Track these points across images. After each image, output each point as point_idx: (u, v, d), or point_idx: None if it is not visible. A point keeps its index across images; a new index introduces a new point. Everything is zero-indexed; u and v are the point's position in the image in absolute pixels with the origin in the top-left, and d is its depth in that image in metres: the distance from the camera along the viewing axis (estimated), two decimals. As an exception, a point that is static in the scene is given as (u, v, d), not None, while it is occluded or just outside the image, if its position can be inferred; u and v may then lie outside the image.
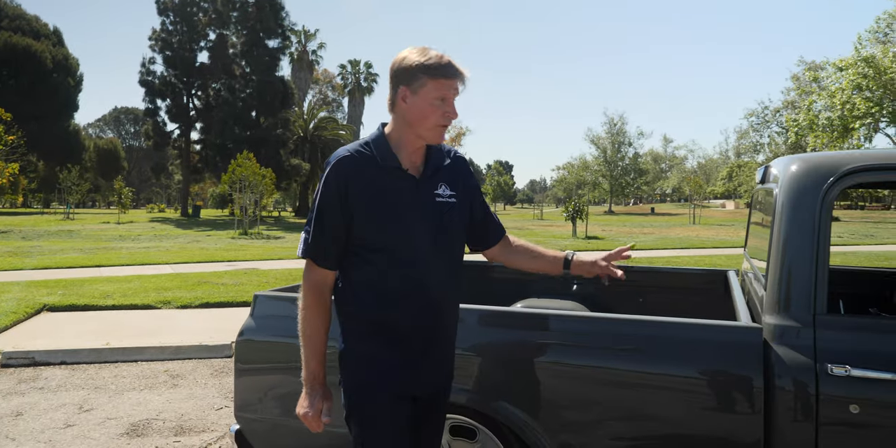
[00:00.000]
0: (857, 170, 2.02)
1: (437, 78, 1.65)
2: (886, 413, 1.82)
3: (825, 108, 34.17)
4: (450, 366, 1.89)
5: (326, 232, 1.72)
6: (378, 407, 1.74)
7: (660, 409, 2.06)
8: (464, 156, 1.94)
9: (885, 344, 1.87)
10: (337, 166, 1.70)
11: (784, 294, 2.01)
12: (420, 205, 1.74)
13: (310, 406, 1.75)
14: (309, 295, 1.76)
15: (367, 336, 1.76)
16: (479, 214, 1.95)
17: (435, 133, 1.72)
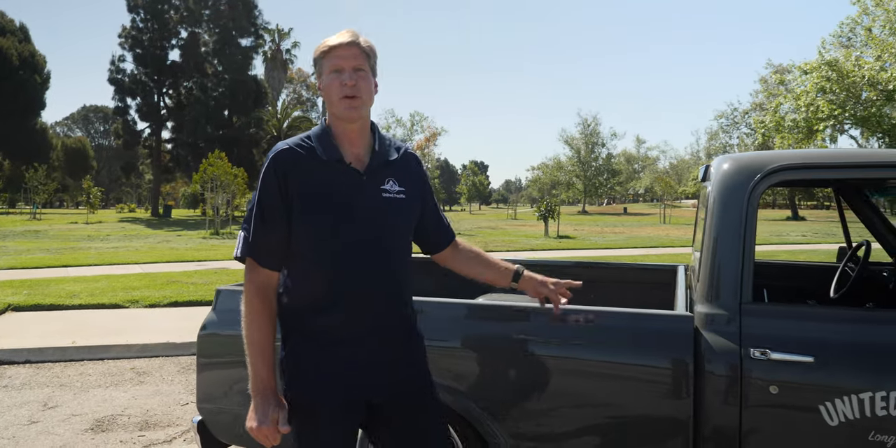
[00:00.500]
0: (780, 168, 2.17)
1: (328, 52, 1.63)
2: (800, 393, 1.96)
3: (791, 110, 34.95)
4: (410, 367, 1.75)
5: (268, 229, 1.64)
6: (314, 416, 1.65)
7: (602, 394, 2.18)
8: (415, 153, 1.87)
9: (800, 330, 2.02)
10: (275, 160, 1.63)
11: (714, 284, 2.15)
12: (364, 200, 1.65)
13: (263, 417, 1.60)
14: (255, 299, 1.65)
15: (304, 340, 1.67)
16: (430, 216, 1.88)
17: (341, 107, 1.62)
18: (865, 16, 31.20)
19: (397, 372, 1.72)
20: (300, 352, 1.66)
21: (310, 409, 1.65)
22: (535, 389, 2.25)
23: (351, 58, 1.61)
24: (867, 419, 1.88)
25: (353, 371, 1.65)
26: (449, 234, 1.97)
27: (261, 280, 1.66)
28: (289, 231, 1.64)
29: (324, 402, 1.64)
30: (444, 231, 1.95)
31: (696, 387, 2.06)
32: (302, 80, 67.97)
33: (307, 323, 1.66)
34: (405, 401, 1.73)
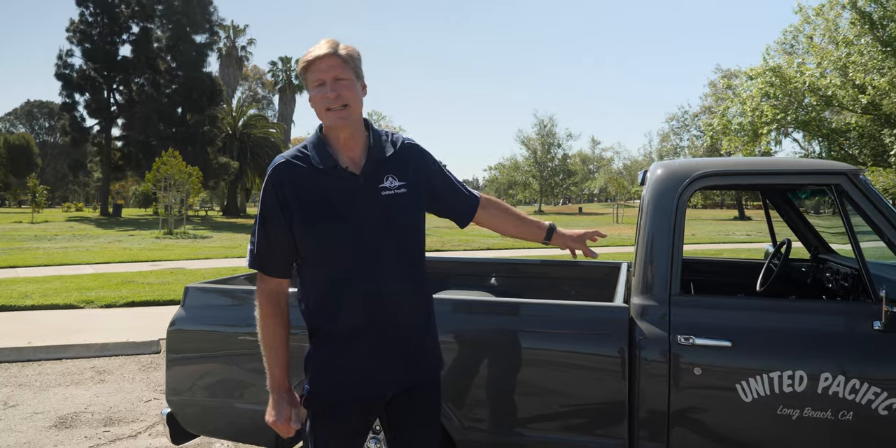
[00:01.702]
0: (705, 175, 2.42)
1: (308, 68, 1.67)
2: (720, 374, 2.21)
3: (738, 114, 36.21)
4: (419, 362, 1.80)
5: (271, 241, 1.70)
6: (326, 415, 1.73)
7: (548, 380, 2.39)
8: (414, 141, 1.87)
9: (720, 318, 2.27)
10: (273, 174, 1.69)
11: (647, 278, 2.39)
12: (364, 202, 1.68)
13: (278, 414, 1.70)
14: (266, 305, 1.72)
15: (323, 341, 1.74)
16: (448, 193, 1.92)
17: (330, 118, 1.67)
18: (807, 24, 32.54)
19: (411, 369, 1.76)
20: (320, 352, 1.74)
21: (327, 404, 1.72)
22: (488, 376, 2.45)
23: (329, 69, 1.64)
24: (776, 395, 2.14)
25: (369, 370, 1.71)
26: (472, 203, 1.99)
27: (269, 288, 1.73)
28: (292, 240, 1.69)
29: (341, 398, 1.71)
30: (466, 201, 1.97)
31: (632, 371, 2.29)
32: (257, 77, 67.13)
33: (323, 325, 1.73)
34: (414, 394, 1.79)
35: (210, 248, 17.45)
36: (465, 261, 4.36)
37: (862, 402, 2.08)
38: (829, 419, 2.11)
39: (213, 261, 13.71)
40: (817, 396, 2.11)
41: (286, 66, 59.09)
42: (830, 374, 2.10)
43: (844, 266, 3.05)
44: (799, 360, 2.14)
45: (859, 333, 2.14)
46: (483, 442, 2.46)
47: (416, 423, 1.81)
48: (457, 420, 2.47)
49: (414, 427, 1.80)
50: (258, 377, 2.73)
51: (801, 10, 31.91)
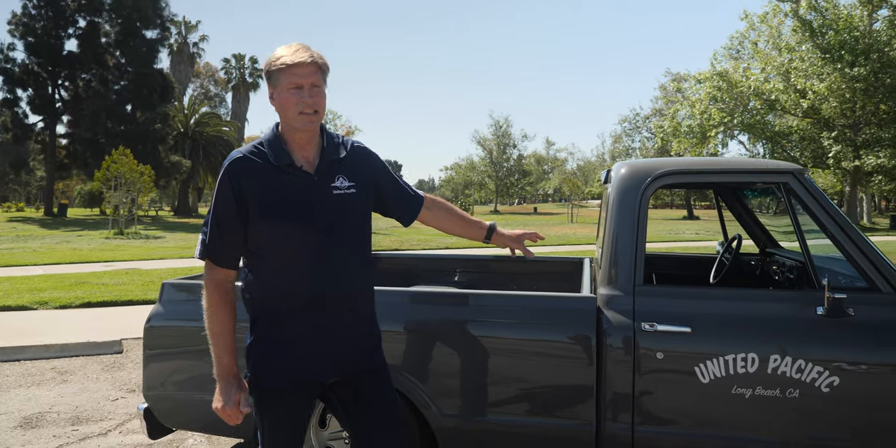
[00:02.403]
0: (665, 173, 2.60)
1: (286, 70, 1.71)
2: (680, 357, 2.38)
3: (687, 117, 37.27)
4: (358, 351, 1.88)
5: (223, 233, 1.77)
6: (270, 400, 1.81)
7: (521, 367, 2.52)
8: (363, 144, 1.97)
9: (680, 306, 2.45)
10: (229, 168, 1.76)
11: (612, 270, 2.55)
12: (315, 200, 1.77)
13: (226, 399, 1.77)
14: (214, 294, 1.79)
15: (265, 330, 1.81)
16: (394, 193, 2.03)
17: (300, 121, 1.74)
18: (752, 31, 33.77)
19: (349, 358, 1.85)
20: (262, 341, 1.82)
21: (270, 391, 1.81)
22: (463, 364, 2.57)
23: (309, 76, 1.72)
24: (730, 376, 2.33)
25: (309, 357, 1.80)
26: (416, 203, 2.11)
27: (218, 278, 1.81)
28: (244, 233, 1.77)
29: (282, 385, 1.80)
30: (410, 201, 2.09)
31: (599, 357, 2.45)
32: (210, 74, 65.78)
33: (267, 315, 1.81)
34: (358, 379, 1.88)
35: (164, 248, 17.11)
36: (431, 257, 4.47)
37: (807, 381, 2.27)
38: (778, 397, 2.30)
39: (169, 261, 13.47)
40: (767, 376, 2.30)
41: (240, 64, 58.15)
42: (779, 356, 2.29)
43: (790, 259, 3.28)
44: (751, 344, 2.32)
45: (804, 319, 2.34)
46: (460, 428, 2.58)
47: (368, 411, 1.88)
48: (435, 408, 2.58)
49: (367, 417, 1.88)
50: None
51: (747, 16, 33.12)
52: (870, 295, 2.35)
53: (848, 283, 2.51)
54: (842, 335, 2.30)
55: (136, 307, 7.70)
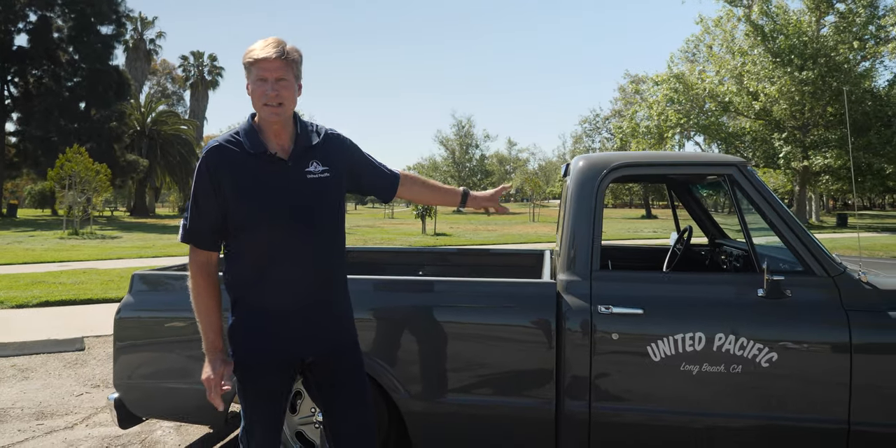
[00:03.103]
0: (619, 166, 2.76)
1: (255, 63, 1.82)
2: (634, 337, 2.54)
3: (645, 118, 38.07)
4: (334, 328, 1.99)
5: (203, 217, 1.87)
6: (252, 376, 1.90)
7: (485, 350, 2.65)
8: (336, 131, 2.06)
9: (633, 290, 2.61)
10: (207, 156, 1.86)
11: (571, 257, 2.69)
12: (290, 184, 1.87)
13: (213, 371, 1.87)
14: (198, 276, 1.89)
15: (245, 311, 1.91)
16: (370, 174, 2.14)
17: (265, 112, 1.84)
18: (707, 35, 34.71)
19: (323, 336, 1.96)
20: (243, 321, 1.92)
21: (251, 368, 1.91)
22: (430, 349, 2.69)
23: (274, 70, 1.81)
24: (679, 354, 2.49)
25: (286, 337, 1.90)
26: (393, 180, 2.21)
27: (201, 260, 1.91)
28: (222, 217, 1.87)
29: (262, 362, 1.90)
30: (387, 179, 2.20)
31: (558, 338, 2.59)
32: (167, 71, 64.47)
33: (247, 296, 1.90)
34: (333, 360, 1.99)
35: (121, 248, 16.78)
36: (398, 250, 4.58)
37: (748, 357, 2.46)
38: (723, 372, 2.47)
39: (127, 261, 13.24)
40: (713, 354, 2.47)
41: (198, 61, 57.11)
42: (723, 335, 2.47)
43: (736, 249, 3.48)
44: (698, 324, 2.50)
45: (746, 300, 2.52)
46: (428, 411, 2.70)
47: (341, 389, 2.00)
48: (403, 391, 2.69)
49: (340, 394, 1.99)
50: (201, 358, 2.86)
51: (702, 20, 34.01)
52: (805, 278, 2.54)
53: (786, 268, 2.70)
54: (780, 315, 2.48)
55: (96, 306, 7.60)
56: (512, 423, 2.66)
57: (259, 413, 1.94)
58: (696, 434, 2.53)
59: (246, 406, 1.94)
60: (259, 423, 1.94)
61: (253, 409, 1.94)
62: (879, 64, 30.69)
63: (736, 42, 32.07)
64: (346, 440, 2.01)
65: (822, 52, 28.15)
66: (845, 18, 29.24)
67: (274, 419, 1.97)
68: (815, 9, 30.00)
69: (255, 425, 1.94)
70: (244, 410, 1.96)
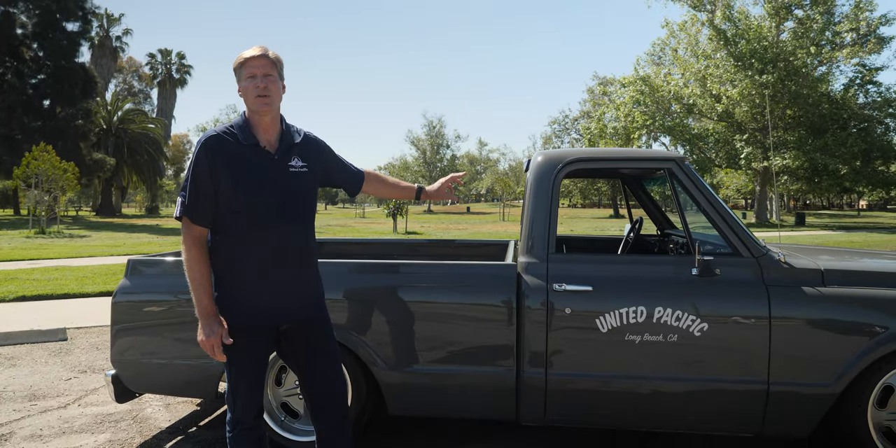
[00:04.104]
0: (574, 160, 3.10)
1: (245, 63, 2.14)
2: (584, 312, 2.87)
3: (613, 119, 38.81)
4: (308, 298, 2.28)
5: (200, 196, 2.12)
6: (238, 340, 2.15)
7: (453, 327, 2.96)
8: (314, 134, 2.38)
9: (584, 270, 2.94)
10: (206, 143, 2.12)
11: (530, 241, 3.02)
12: (275, 175, 2.16)
13: (210, 332, 2.10)
14: (192, 248, 2.14)
15: (230, 283, 2.17)
16: (340, 171, 2.47)
17: (256, 104, 2.13)
18: (672, 38, 35.62)
19: (299, 306, 2.25)
20: (228, 291, 2.18)
21: (235, 331, 2.17)
22: (404, 324, 2.99)
23: (261, 67, 2.13)
24: (624, 326, 2.84)
25: (267, 305, 2.18)
26: (359, 176, 2.55)
27: (195, 234, 2.16)
28: (215, 198, 2.13)
29: (245, 324, 2.18)
30: (354, 175, 2.54)
31: (518, 313, 2.92)
32: (133, 69, 63.54)
33: (233, 270, 2.17)
34: (306, 327, 2.28)
35: (91, 246, 16.72)
36: (370, 242, 4.88)
37: (683, 327, 2.81)
38: (661, 341, 2.82)
39: (99, 258, 13.25)
40: (653, 325, 2.82)
41: (166, 59, 56.47)
42: (662, 308, 2.82)
43: (681, 237, 3.85)
44: (640, 299, 2.84)
45: (682, 278, 2.88)
46: (403, 381, 3.00)
47: (312, 353, 2.29)
48: (380, 362, 2.99)
49: (312, 357, 2.29)
50: (193, 336, 3.11)
51: (668, 24, 34.88)
52: (732, 258, 2.91)
53: (717, 250, 3.06)
54: (710, 290, 2.84)
55: (74, 300, 7.74)
56: (477, 391, 2.98)
57: (244, 373, 2.22)
58: (639, 397, 2.88)
59: (232, 369, 2.22)
60: (244, 380, 2.23)
61: (239, 371, 2.22)
62: (835, 68, 31.86)
63: (700, 46, 32.98)
64: (319, 395, 2.32)
65: (781, 56, 29.14)
66: (803, 24, 30.32)
67: (257, 379, 2.26)
68: (774, 15, 31.03)
69: (240, 385, 2.22)
70: (230, 374, 2.23)
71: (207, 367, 3.15)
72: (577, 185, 52.41)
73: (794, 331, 2.77)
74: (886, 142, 30.11)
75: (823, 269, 2.88)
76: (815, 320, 2.76)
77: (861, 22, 29.81)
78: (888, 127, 30.87)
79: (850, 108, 30.21)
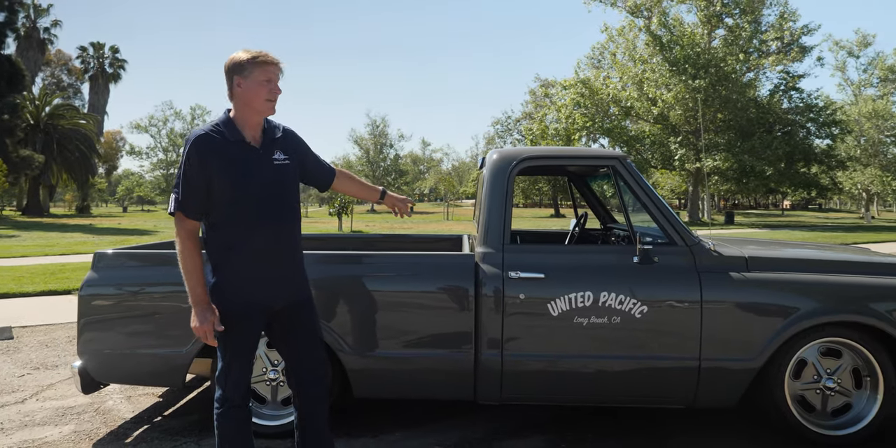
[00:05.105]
0: (526, 158, 3.35)
1: (261, 66, 2.28)
2: (536, 297, 3.12)
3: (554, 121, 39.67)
4: (295, 284, 2.45)
5: (192, 191, 2.27)
6: (231, 321, 2.32)
7: (416, 314, 3.16)
8: (292, 129, 2.54)
9: (537, 259, 3.19)
10: (196, 141, 2.26)
11: (487, 233, 3.25)
12: (261, 168, 2.32)
13: (203, 319, 2.26)
14: (187, 241, 2.29)
15: (225, 270, 2.33)
16: (314, 166, 2.61)
17: (267, 106, 2.32)
18: (611, 43, 36.73)
19: (288, 290, 2.43)
20: (223, 277, 2.34)
21: (231, 314, 2.32)
22: (369, 311, 3.17)
23: (279, 74, 2.36)
24: (572, 309, 3.10)
25: (261, 289, 2.36)
26: (331, 173, 2.70)
27: (188, 228, 2.32)
28: (207, 193, 2.28)
29: (239, 308, 2.34)
30: (326, 171, 2.68)
31: (477, 299, 3.14)
32: (62, 62, 60.84)
33: (229, 258, 2.33)
34: (295, 309, 2.46)
35: (23, 246, 16.10)
36: (325, 237, 5.02)
37: (625, 310, 3.09)
38: (606, 323, 3.10)
39: (32, 258, 12.82)
40: (598, 308, 3.10)
41: (99, 53, 54.40)
42: (606, 292, 3.09)
43: (623, 230, 4.16)
44: (587, 284, 3.11)
45: (624, 265, 3.16)
46: (369, 366, 3.18)
47: (299, 333, 2.47)
48: (348, 349, 3.17)
49: (299, 337, 2.47)
50: (159, 327, 3.23)
51: (607, 29, 35.93)
52: (669, 247, 3.21)
53: (655, 240, 3.36)
54: (649, 276, 3.14)
55: (14, 299, 7.56)
56: (439, 373, 3.19)
57: (238, 352, 2.37)
58: (586, 374, 3.15)
59: (226, 349, 2.36)
60: (237, 359, 2.37)
61: (234, 350, 2.37)
62: (762, 75, 33.57)
63: (637, 51, 34.12)
64: (304, 374, 2.49)
65: (712, 62, 30.48)
66: (733, 32, 31.80)
67: (248, 358, 2.41)
68: (706, 22, 32.43)
69: (233, 363, 2.37)
70: (223, 353, 2.37)
71: (174, 356, 3.25)
72: (518, 186, 53.35)
73: (722, 312, 3.09)
74: (808, 145, 31.93)
75: (747, 257, 3.22)
76: (740, 303, 3.09)
77: (785, 31, 31.53)
78: (809, 131, 32.76)
79: (776, 112, 31.90)
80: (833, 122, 32.12)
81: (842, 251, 3.88)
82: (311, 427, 2.53)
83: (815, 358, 3.19)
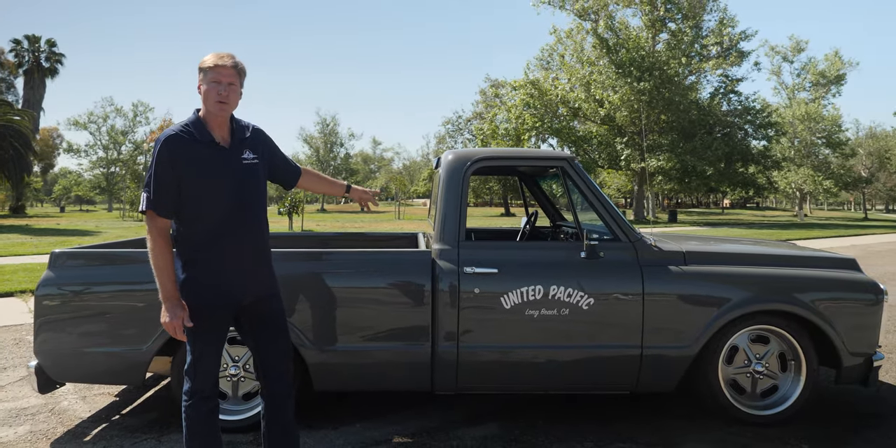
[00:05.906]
0: (480, 158, 3.51)
1: (210, 68, 2.36)
2: (490, 291, 3.28)
3: (504, 121, 40.16)
4: (264, 279, 2.54)
5: (162, 190, 2.34)
6: (200, 315, 2.39)
7: (375, 309, 3.28)
8: (260, 128, 2.62)
9: (490, 255, 3.37)
10: (167, 142, 2.34)
11: (443, 230, 3.40)
12: (230, 167, 2.41)
13: (172, 315, 2.35)
14: (158, 238, 2.36)
15: (194, 267, 2.40)
16: (280, 165, 2.70)
17: (216, 107, 2.37)
18: (560, 45, 37.41)
19: (257, 286, 2.52)
20: (193, 273, 2.41)
21: (200, 307, 2.40)
22: (329, 307, 3.27)
23: (228, 76, 2.39)
24: (524, 302, 3.27)
25: (230, 284, 2.43)
26: (297, 172, 2.79)
27: (159, 226, 2.39)
28: (177, 191, 2.36)
29: (209, 302, 2.42)
30: (292, 170, 2.78)
31: (433, 293, 3.28)
32: (-7, 56, 58.15)
33: (199, 255, 2.41)
34: (263, 303, 2.55)
35: (-43, 247, 15.42)
36: (281, 235, 5.10)
37: (573, 302, 3.28)
38: (555, 314, 3.28)
39: (-29, 260, 12.32)
40: (548, 301, 3.28)
41: (34, 47, 52.20)
42: (556, 286, 3.28)
43: (571, 228, 4.37)
44: (538, 279, 3.29)
45: (572, 260, 3.35)
46: (329, 360, 3.28)
47: (267, 326, 2.55)
48: (309, 343, 3.26)
49: (266, 330, 2.55)
50: (118, 325, 3.26)
51: (556, 31, 36.57)
52: (613, 243, 3.42)
53: (601, 237, 3.57)
54: (595, 270, 3.34)
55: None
56: (397, 365, 3.32)
57: (208, 345, 2.45)
58: (537, 364, 3.33)
59: (196, 342, 2.44)
60: (207, 352, 2.45)
61: (204, 343, 2.44)
62: (703, 78, 34.79)
63: (585, 53, 34.87)
64: (271, 366, 2.58)
65: (656, 65, 31.43)
66: (676, 37, 32.86)
67: (217, 351, 2.49)
68: (651, 26, 33.42)
69: (203, 356, 2.45)
70: (193, 346, 2.45)
71: (134, 354, 3.28)
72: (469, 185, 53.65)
73: (662, 303, 3.32)
74: (745, 146, 33.29)
75: (685, 251, 3.46)
76: (678, 294, 3.32)
77: (724, 37, 32.77)
78: (747, 133, 34.16)
79: (716, 114, 33.13)
80: (769, 124, 33.59)
81: (772, 246, 4.18)
82: (277, 419, 2.62)
83: (745, 344, 3.45)
